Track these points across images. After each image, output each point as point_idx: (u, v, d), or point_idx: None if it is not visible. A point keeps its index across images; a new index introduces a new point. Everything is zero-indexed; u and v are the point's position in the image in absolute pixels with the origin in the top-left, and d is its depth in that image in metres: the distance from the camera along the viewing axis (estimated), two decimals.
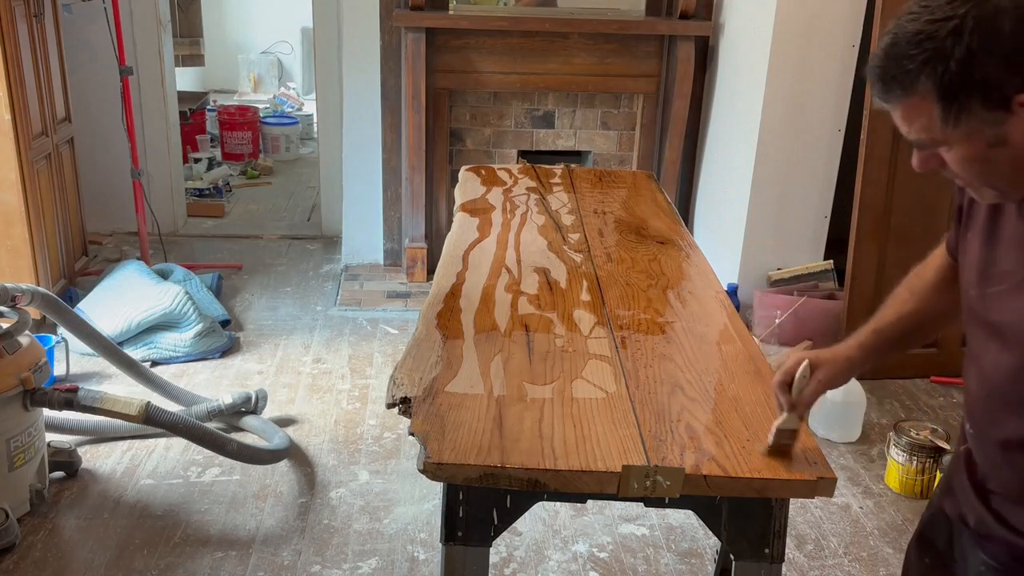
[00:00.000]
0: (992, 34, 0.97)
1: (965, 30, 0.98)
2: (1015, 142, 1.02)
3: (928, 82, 1.02)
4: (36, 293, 2.79)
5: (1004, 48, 0.97)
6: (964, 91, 1.00)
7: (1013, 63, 0.98)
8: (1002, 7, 0.97)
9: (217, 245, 4.93)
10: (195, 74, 8.08)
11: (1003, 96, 0.99)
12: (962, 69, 0.99)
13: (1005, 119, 1.00)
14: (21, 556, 2.45)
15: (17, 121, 3.41)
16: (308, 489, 2.81)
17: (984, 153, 1.05)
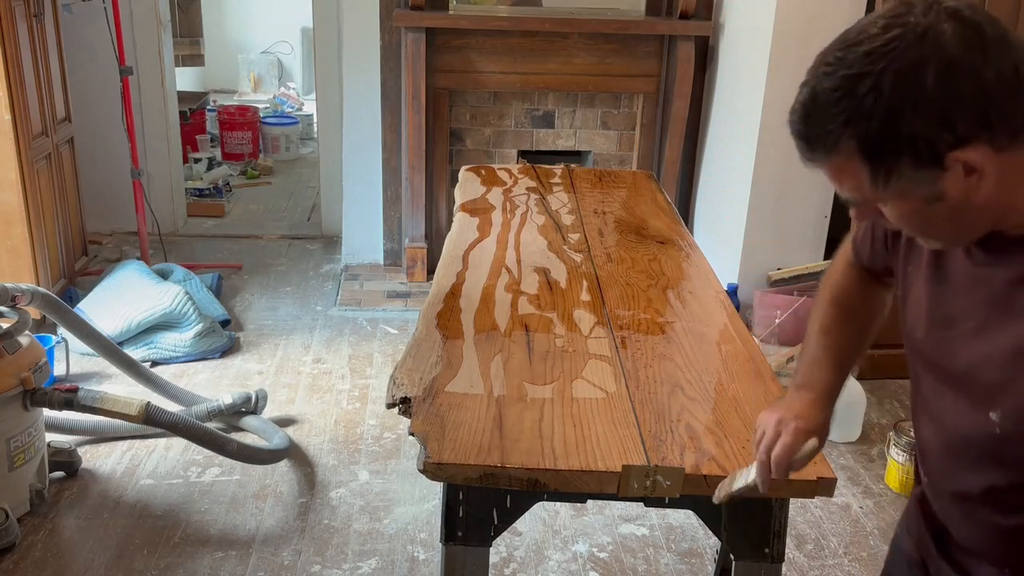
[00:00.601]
0: (915, 89, 0.89)
1: (885, 86, 0.90)
2: (952, 197, 0.94)
3: (851, 143, 0.93)
4: (36, 293, 2.79)
5: (929, 103, 0.89)
6: (891, 151, 0.92)
7: (941, 118, 0.89)
8: (923, 58, 0.89)
9: (217, 245, 4.93)
10: (195, 74, 8.08)
11: (934, 153, 0.91)
12: (886, 128, 0.91)
13: (939, 176, 0.92)
14: (21, 556, 2.45)
15: (17, 121, 3.41)
16: (308, 489, 2.81)
17: (921, 210, 0.97)
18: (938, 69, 0.89)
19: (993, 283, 1.01)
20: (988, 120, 0.90)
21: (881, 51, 0.91)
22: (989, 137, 0.90)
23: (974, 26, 0.90)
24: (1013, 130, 0.91)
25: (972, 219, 0.98)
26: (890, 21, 0.93)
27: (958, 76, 0.89)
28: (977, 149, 0.90)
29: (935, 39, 0.89)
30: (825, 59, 0.97)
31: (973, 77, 0.89)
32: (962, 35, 0.90)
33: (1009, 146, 0.91)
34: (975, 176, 0.92)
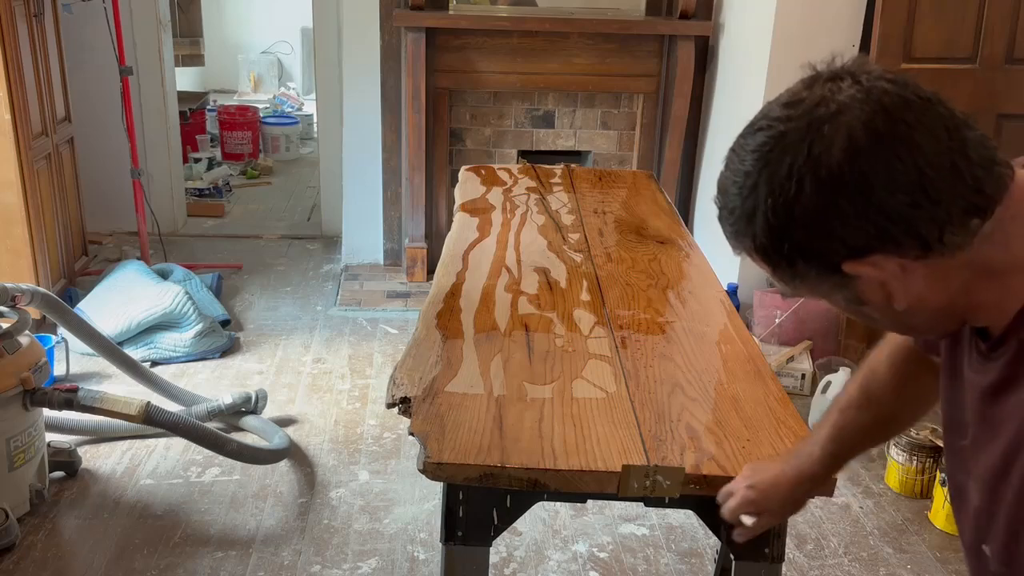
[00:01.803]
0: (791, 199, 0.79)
1: (761, 192, 0.81)
2: (875, 303, 0.86)
3: (747, 241, 0.86)
4: (36, 293, 2.79)
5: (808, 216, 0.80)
6: (785, 259, 0.84)
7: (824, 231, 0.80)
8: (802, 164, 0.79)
9: (217, 245, 4.93)
10: (195, 74, 8.08)
11: (828, 263, 0.82)
12: (769, 236, 0.83)
13: (847, 283, 0.84)
14: (21, 556, 2.44)
15: (17, 121, 3.41)
16: (308, 489, 2.81)
17: (854, 310, 0.90)
18: (816, 180, 0.78)
19: (977, 389, 0.89)
20: (884, 234, 0.79)
21: (763, 149, 0.81)
22: (894, 248, 0.80)
23: (883, 116, 0.78)
24: (923, 240, 0.79)
25: (922, 319, 0.89)
26: (788, 102, 0.83)
27: (839, 189, 0.78)
28: (878, 260, 0.81)
29: (824, 140, 0.79)
30: (736, 140, 0.87)
31: (860, 189, 0.78)
32: (860, 135, 0.78)
33: (928, 254, 0.80)
34: (892, 284, 0.83)
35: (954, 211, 0.79)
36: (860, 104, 0.79)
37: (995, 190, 0.80)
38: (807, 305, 3.62)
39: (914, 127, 0.78)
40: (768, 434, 1.50)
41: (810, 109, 0.81)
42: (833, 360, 3.36)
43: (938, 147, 0.78)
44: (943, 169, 0.78)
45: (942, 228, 0.79)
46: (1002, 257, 0.82)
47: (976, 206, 0.79)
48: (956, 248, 0.80)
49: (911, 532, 2.71)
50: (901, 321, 0.90)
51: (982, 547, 0.90)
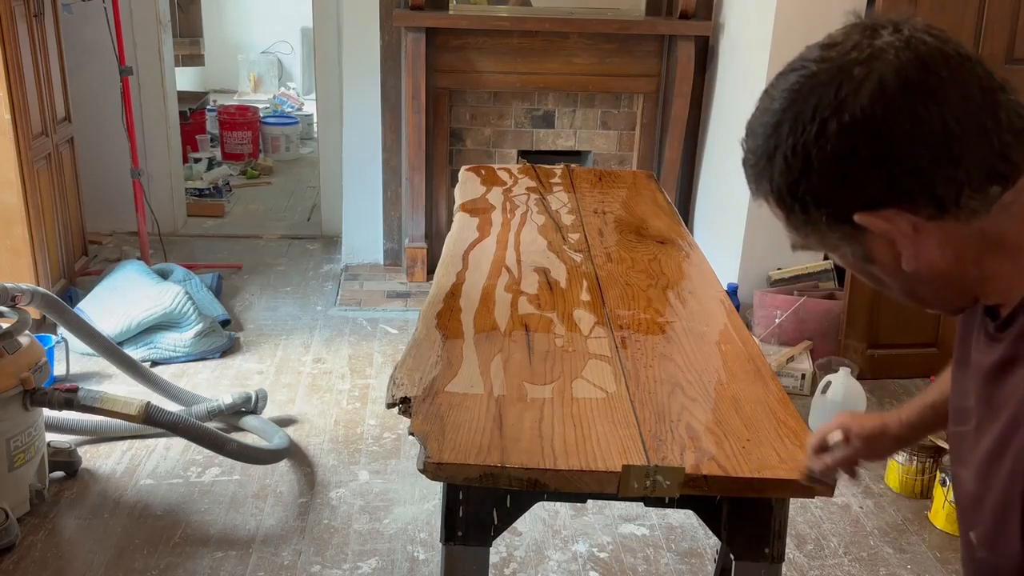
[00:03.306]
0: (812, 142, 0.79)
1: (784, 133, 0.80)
2: (883, 261, 0.84)
3: (765, 184, 0.85)
4: (36, 293, 2.79)
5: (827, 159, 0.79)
6: (798, 202, 0.82)
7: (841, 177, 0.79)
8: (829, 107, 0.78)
9: (217, 245, 4.93)
10: (195, 74, 8.08)
11: (840, 213, 0.81)
12: (787, 179, 0.82)
13: (858, 236, 0.82)
14: (21, 556, 2.44)
15: (17, 121, 3.41)
16: (308, 489, 2.81)
17: (861, 268, 0.88)
18: (839, 123, 0.77)
19: (982, 371, 0.87)
20: (900, 187, 0.78)
21: (792, 88, 0.80)
22: (909, 205, 0.78)
23: (917, 66, 0.77)
24: (940, 200, 0.77)
25: (931, 289, 0.87)
26: (825, 44, 0.82)
27: (861, 134, 0.77)
28: (891, 215, 0.79)
29: (852, 84, 0.77)
30: (771, 81, 0.86)
31: (883, 137, 0.76)
32: (891, 81, 0.76)
33: (944, 216, 0.78)
34: (903, 243, 0.81)
35: (975, 174, 0.76)
36: (896, 51, 0.77)
37: (1020, 159, 0.78)
38: (807, 305, 3.62)
39: (947, 81, 0.76)
40: (768, 434, 1.50)
41: (845, 52, 0.79)
42: (833, 360, 3.36)
43: (968, 105, 0.76)
44: (970, 128, 0.76)
45: (960, 190, 0.77)
46: (1018, 232, 0.79)
47: (999, 172, 0.77)
48: (972, 213, 0.78)
49: (911, 532, 2.71)
50: (909, 287, 0.88)
51: (969, 534, 0.89)
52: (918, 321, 3.58)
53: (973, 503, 0.86)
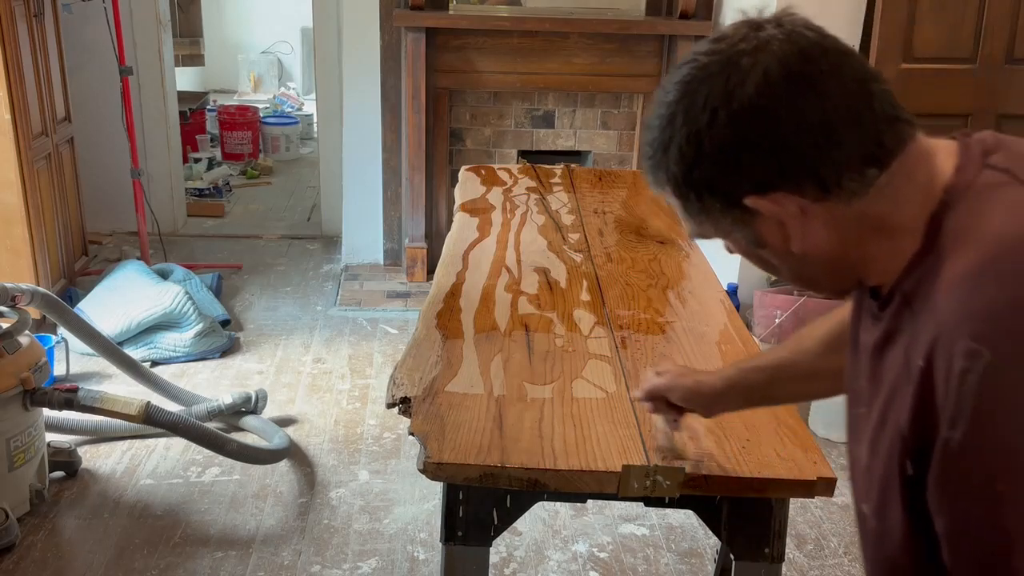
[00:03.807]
0: (704, 131, 0.82)
1: (678, 124, 0.84)
2: (773, 245, 0.88)
3: (662, 174, 0.88)
4: (36, 293, 2.79)
5: (718, 147, 0.83)
6: (692, 191, 0.87)
7: (732, 164, 0.83)
8: (717, 98, 0.82)
9: (217, 245, 4.93)
10: (195, 74, 8.08)
11: (732, 198, 0.85)
12: (681, 168, 0.85)
13: (750, 220, 0.86)
14: (21, 556, 2.44)
15: (17, 121, 3.41)
16: (308, 489, 2.81)
17: (753, 253, 0.92)
18: (728, 111, 0.81)
19: (868, 349, 0.91)
20: (786, 171, 0.82)
21: (684, 80, 0.85)
22: (794, 188, 0.83)
23: (798, 58, 0.81)
24: (823, 182, 0.82)
25: (819, 270, 0.90)
26: (714, 39, 0.86)
27: (749, 122, 0.81)
28: (779, 198, 0.83)
29: (739, 75, 0.81)
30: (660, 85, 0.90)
31: (769, 124, 0.81)
32: (775, 71, 0.81)
33: (828, 197, 0.83)
34: (791, 225, 0.85)
35: (854, 157, 0.82)
36: (780, 44, 0.82)
37: (894, 145, 0.83)
38: (807, 305, 3.62)
39: (826, 73, 0.81)
40: (768, 434, 1.50)
41: (733, 44, 0.83)
42: None
43: (846, 95, 0.81)
44: (848, 116, 0.81)
45: (840, 172, 0.82)
46: (893, 214, 0.84)
47: (874, 156, 0.82)
48: (852, 195, 0.83)
49: None
50: (798, 270, 0.92)
51: (862, 507, 0.92)
52: None
53: (864, 477, 0.91)
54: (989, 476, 0.72)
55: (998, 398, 0.71)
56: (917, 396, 0.77)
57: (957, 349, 0.72)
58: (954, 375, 0.72)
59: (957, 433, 0.72)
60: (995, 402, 0.71)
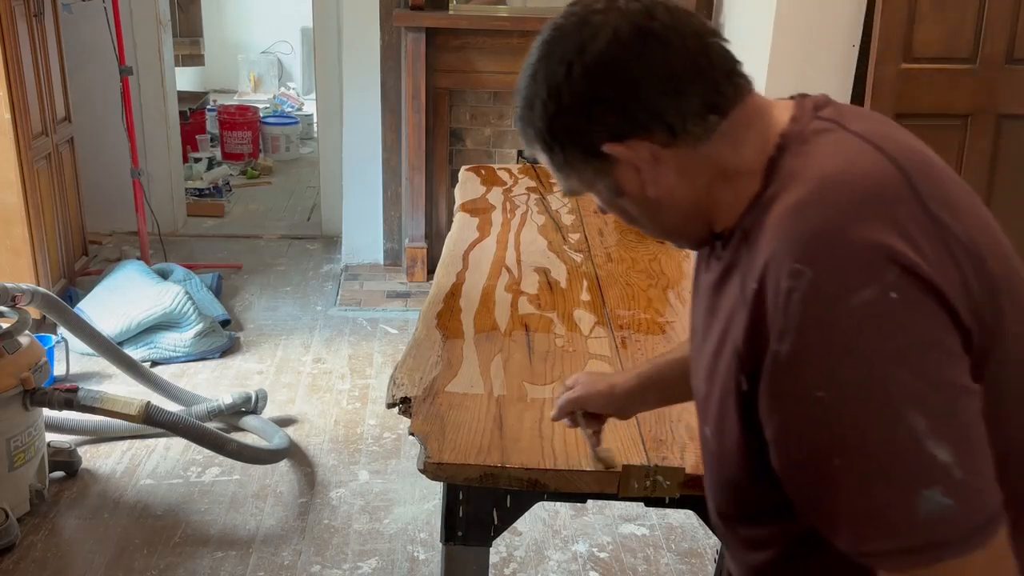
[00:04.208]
0: (562, 84, 0.89)
1: (539, 79, 0.92)
2: (631, 192, 0.94)
3: (530, 130, 0.95)
4: (36, 293, 2.79)
5: (575, 99, 0.89)
6: (556, 142, 0.93)
7: (587, 114, 0.90)
8: (572, 52, 0.89)
9: (217, 245, 4.93)
10: (195, 74, 8.08)
11: (591, 147, 0.91)
12: (545, 120, 0.92)
13: (608, 169, 0.93)
14: (21, 556, 2.44)
15: (17, 121, 3.41)
16: (308, 489, 2.81)
17: (615, 203, 0.99)
18: (582, 65, 0.88)
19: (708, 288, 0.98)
20: (637, 119, 0.89)
21: (544, 41, 0.92)
22: (646, 134, 0.89)
23: (644, 15, 0.89)
24: (670, 127, 0.89)
25: (674, 217, 0.97)
26: (569, 8, 0.93)
27: (601, 74, 0.89)
28: (633, 145, 0.90)
29: (591, 31, 0.89)
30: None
31: (620, 74, 0.88)
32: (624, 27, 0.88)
33: (675, 142, 0.90)
34: (645, 170, 0.92)
35: (696, 104, 0.89)
36: (627, 3, 0.90)
37: (733, 94, 0.91)
38: None
39: (670, 28, 0.89)
40: None
41: (587, 6, 0.91)
42: None
43: (687, 48, 0.89)
44: (689, 67, 0.89)
45: (685, 118, 0.89)
46: (734, 159, 0.91)
47: (715, 104, 0.90)
48: (697, 140, 0.90)
49: None
50: (656, 218, 0.98)
51: (705, 430, 0.99)
52: None
53: (704, 402, 0.98)
54: (811, 384, 0.77)
55: (819, 313, 0.77)
56: (751, 316, 0.84)
57: (784, 270, 0.79)
58: (782, 293, 0.79)
59: (785, 346, 0.78)
60: (816, 316, 0.77)
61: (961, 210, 0.84)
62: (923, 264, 0.77)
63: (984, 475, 0.76)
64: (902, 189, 0.82)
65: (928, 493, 0.73)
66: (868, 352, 0.75)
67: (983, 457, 0.76)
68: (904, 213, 0.79)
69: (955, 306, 0.78)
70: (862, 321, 0.75)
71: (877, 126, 0.91)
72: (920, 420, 0.74)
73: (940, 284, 0.77)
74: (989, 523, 0.74)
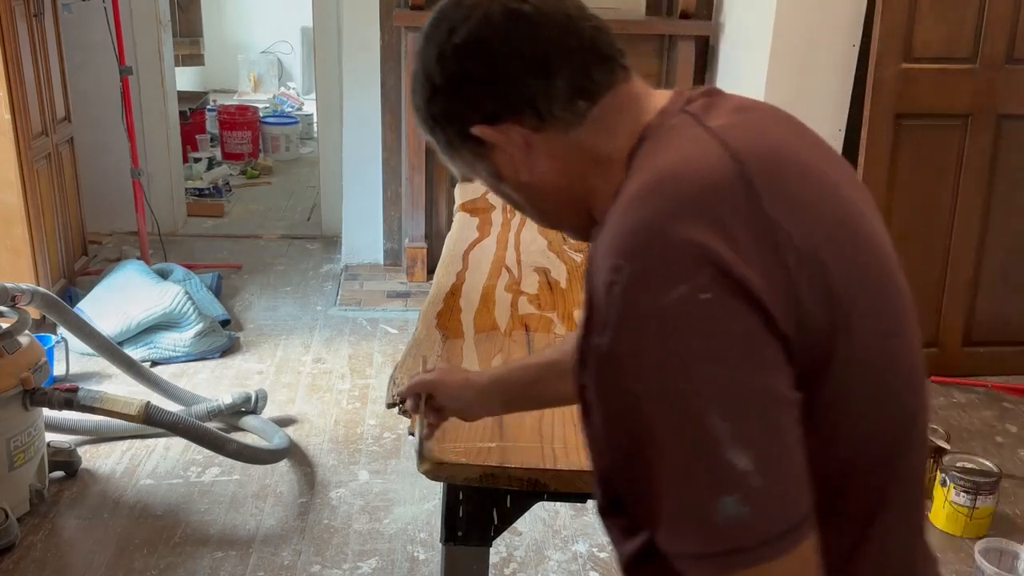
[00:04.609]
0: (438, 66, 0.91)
1: (420, 67, 0.94)
2: (507, 176, 0.94)
3: (417, 116, 0.98)
4: (36, 293, 2.79)
5: (448, 81, 0.91)
6: (438, 125, 0.95)
7: (460, 96, 0.91)
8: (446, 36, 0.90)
9: (217, 245, 4.93)
10: (195, 74, 8.08)
11: (466, 129, 0.92)
12: (426, 102, 0.95)
13: (485, 152, 0.93)
14: (21, 556, 2.44)
15: (17, 121, 3.41)
16: (308, 489, 2.81)
17: (498, 188, 0.98)
18: (454, 48, 0.89)
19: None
20: (508, 102, 0.89)
21: (427, 24, 0.94)
22: (517, 118, 0.89)
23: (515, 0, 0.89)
24: (538, 111, 0.89)
25: (551, 204, 0.97)
26: None
27: (472, 54, 0.89)
28: (505, 128, 0.90)
29: (464, 13, 0.90)
30: None
31: (488, 56, 0.89)
32: (495, 9, 0.89)
33: (545, 127, 0.90)
34: (517, 155, 0.92)
35: (564, 89, 0.89)
36: None
37: (603, 80, 0.90)
38: None
39: (542, 12, 0.89)
40: None
41: None
42: None
43: (558, 32, 0.89)
44: (558, 50, 0.89)
45: (552, 102, 0.89)
46: (607, 147, 0.90)
47: (584, 89, 0.89)
48: (567, 125, 0.90)
49: None
50: (535, 203, 0.98)
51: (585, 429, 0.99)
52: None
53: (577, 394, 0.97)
54: (626, 378, 0.76)
55: (633, 309, 0.76)
56: (586, 309, 0.84)
57: (607, 263, 0.78)
58: (604, 287, 0.78)
59: (605, 339, 0.78)
60: (631, 312, 0.76)
61: (809, 213, 0.80)
62: (741, 267, 0.74)
63: (787, 485, 0.74)
64: (735, 188, 0.78)
65: (726, 500, 0.72)
66: (676, 352, 0.73)
67: (789, 467, 0.74)
68: (730, 213, 0.77)
69: (772, 312, 0.75)
70: (673, 320, 0.73)
71: (742, 120, 0.88)
72: (721, 425, 0.72)
73: (756, 289, 0.74)
74: (789, 533, 0.72)
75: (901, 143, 3.40)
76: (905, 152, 3.41)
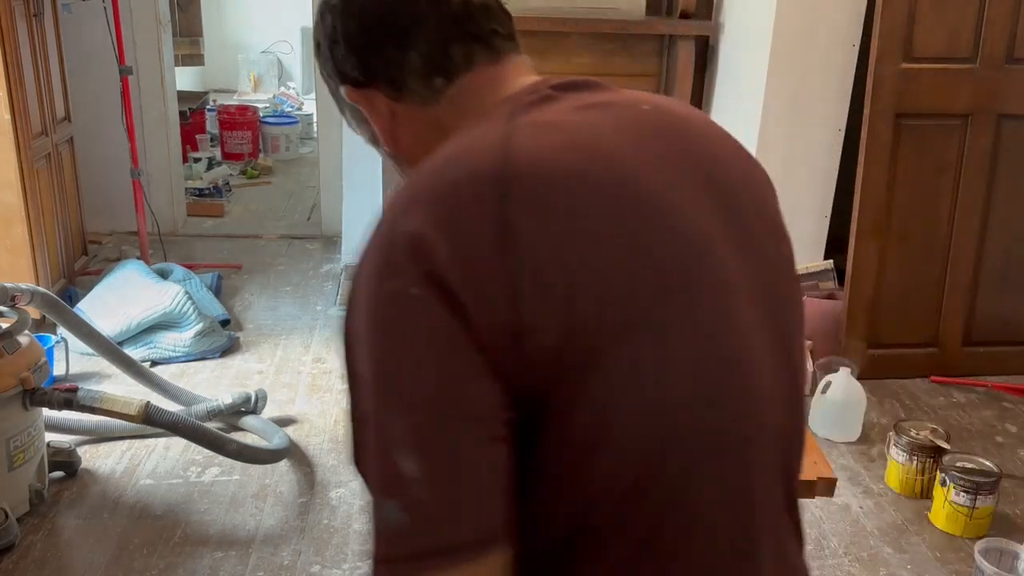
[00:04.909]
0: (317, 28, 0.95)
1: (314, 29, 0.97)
2: (383, 141, 0.96)
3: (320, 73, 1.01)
4: (36, 293, 2.79)
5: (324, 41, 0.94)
6: (327, 83, 0.97)
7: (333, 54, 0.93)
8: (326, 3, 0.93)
9: (217, 245, 4.93)
10: (195, 74, 8.08)
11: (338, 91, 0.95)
12: (318, 61, 0.98)
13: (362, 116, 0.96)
14: (20, 556, 2.44)
15: (17, 121, 3.41)
16: (308, 489, 2.81)
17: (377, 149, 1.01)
18: (331, 7, 0.92)
19: None
20: (368, 68, 0.91)
21: None
22: (378, 85, 0.91)
23: None
24: (394, 82, 0.90)
25: None
26: None
27: (339, 19, 0.91)
28: (370, 94, 0.92)
29: None
30: None
31: (349, 22, 0.91)
32: None
33: (402, 98, 0.90)
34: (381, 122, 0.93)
35: (418, 62, 0.89)
36: None
37: (462, 59, 0.89)
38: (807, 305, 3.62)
39: None
40: None
41: None
42: (833, 360, 3.36)
43: (425, 4, 0.88)
44: (420, 23, 0.88)
45: (407, 74, 0.89)
46: (458, 127, 0.87)
47: (441, 66, 0.89)
48: (422, 100, 0.90)
49: (911, 532, 2.71)
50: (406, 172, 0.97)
51: None
52: (918, 321, 3.58)
53: None
54: (352, 360, 0.76)
55: (356, 294, 0.76)
56: None
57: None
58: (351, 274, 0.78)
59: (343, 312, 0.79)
60: (354, 296, 0.76)
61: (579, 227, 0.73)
62: (457, 271, 0.70)
63: (454, 506, 0.70)
64: (487, 189, 0.73)
65: (390, 504, 0.71)
66: (380, 343, 0.72)
67: (468, 488, 0.70)
68: (468, 214, 0.72)
69: (478, 320, 0.70)
70: (383, 310, 0.72)
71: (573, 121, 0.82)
72: (398, 427, 0.70)
73: (464, 295, 0.70)
74: (445, 553, 0.69)
75: (901, 143, 3.40)
76: (905, 152, 3.41)
